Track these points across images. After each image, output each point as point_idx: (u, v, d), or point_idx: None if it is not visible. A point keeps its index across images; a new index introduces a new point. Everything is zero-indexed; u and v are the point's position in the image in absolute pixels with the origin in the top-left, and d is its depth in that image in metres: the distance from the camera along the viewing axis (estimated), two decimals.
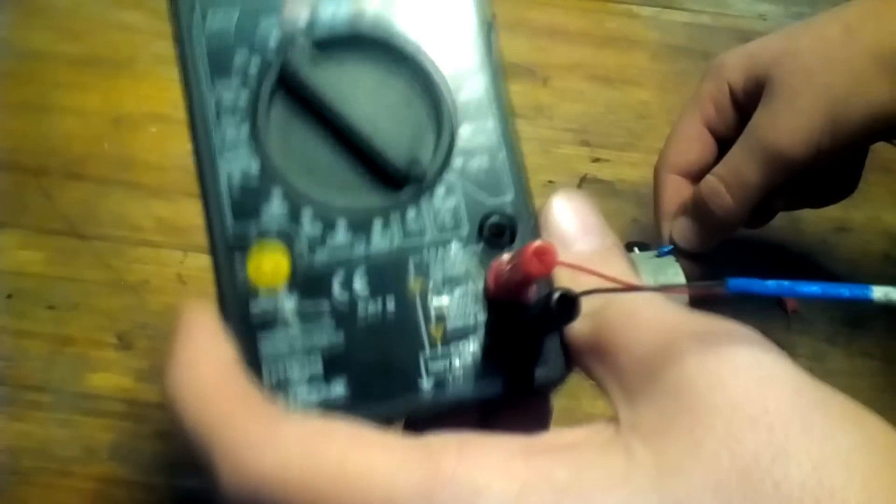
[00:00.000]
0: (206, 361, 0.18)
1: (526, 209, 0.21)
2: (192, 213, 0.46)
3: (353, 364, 0.20)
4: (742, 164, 0.36)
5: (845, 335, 0.44)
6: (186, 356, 0.18)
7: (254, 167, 0.20)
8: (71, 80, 0.51)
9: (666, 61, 0.56)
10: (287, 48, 0.20)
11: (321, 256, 0.20)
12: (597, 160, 0.51)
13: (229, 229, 0.20)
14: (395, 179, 0.20)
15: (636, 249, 0.40)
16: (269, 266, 0.19)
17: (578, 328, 0.20)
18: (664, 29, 0.58)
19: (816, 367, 0.43)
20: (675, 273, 0.38)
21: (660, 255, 0.39)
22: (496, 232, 0.21)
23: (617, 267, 0.20)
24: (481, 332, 0.20)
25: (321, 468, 0.16)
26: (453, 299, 0.20)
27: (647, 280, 0.37)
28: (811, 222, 0.47)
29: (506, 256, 0.20)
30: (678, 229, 0.39)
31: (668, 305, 0.19)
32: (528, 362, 0.20)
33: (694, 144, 0.40)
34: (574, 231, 0.21)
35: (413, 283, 0.20)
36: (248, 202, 0.20)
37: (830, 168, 0.39)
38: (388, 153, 0.20)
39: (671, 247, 0.39)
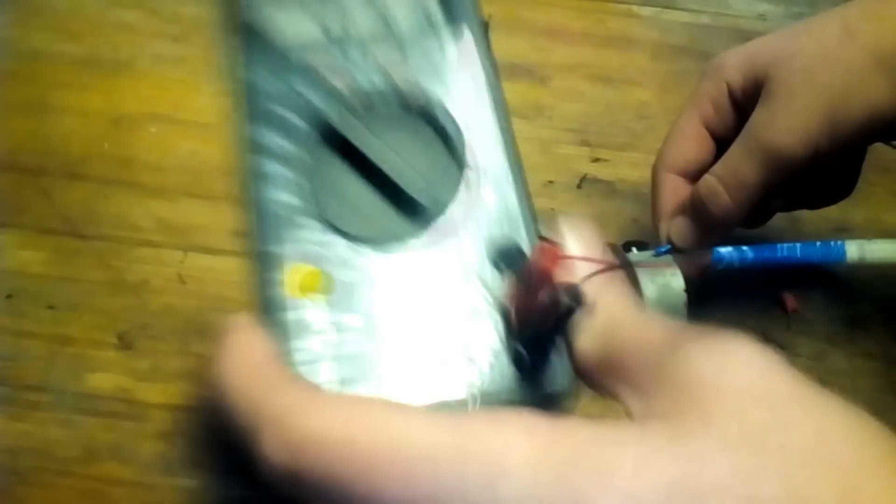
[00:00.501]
0: (251, 349, 0.19)
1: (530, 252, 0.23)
2: (192, 213, 0.46)
3: (380, 372, 0.21)
4: (740, 164, 0.36)
5: (845, 335, 0.44)
6: (234, 345, 0.19)
7: (294, 199, 0.23)
8: (71, 80, 0.51)
9: (666, 61, 0.56)
10: (328, 103, 0.24)
11: (352, 278, 0.22)
12: (597, 160, 0.51)
13: (271, 249, 0.22)
14: (420, 219, 0.23)
15: (634, 249, 0.40)
16: (305, 282, 0.22)
17: (586, 346, 0.21)
18: (664, 29, 0.58)
19: (816, 366, 0.43)
20: (672, 272, 0.38)
21: (657, 255, 0.39)
22: (510, 270, 0.23)
23: (619, 289, 0.21)
24: (497, 350, 0.22)
25: (363, 426, 0.17)
26: (471, 322, 0.22)
27: (644, 280, 0.37)
28: (811, 222, 0.47)
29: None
30: (676, 229, 0.39)
31: (670, 320, 0.20)
32: (540, 376, 0.22)
33: (692, 144, 0.40)
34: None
35: (437, 304, 0.22)
36: (290, 226, 0.22)
37: (829, 168, 0.39)
38: (415, 196, 0.23)
39: (669, 246, 0.39)
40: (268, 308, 0.22)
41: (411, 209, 0.23)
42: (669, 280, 0.38)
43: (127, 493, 0.36)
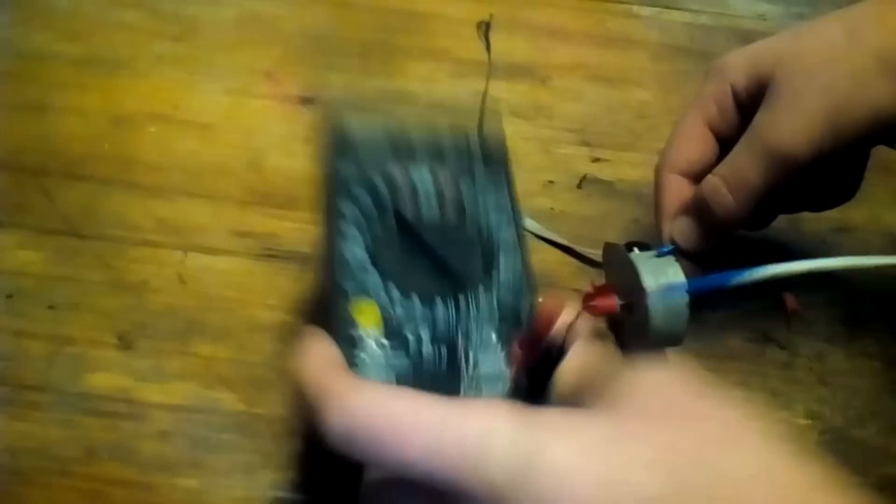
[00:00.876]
0: (322, 352, 0.27)
1: (533, 311, 0.31)
2: (192, 213, 0.46)
3: (416, 383, 0.28)
4: (744, 164, 0.36)
5: (845, 335, 0.44)
6: (308, 347, 0.27)
7: (362, 252, 0.31)
8: (71, 80, 0.51)
9: (666, 61, 0.56)
10: (393, 191, 0.33)
11: (402, 314, 0.30)
12: (597, 160, 0.51)
13: (343, 285, 0.30)
14: (455, 281, 0.31)
15: (636, 249, 0.40)
16: (366, 312, 0.29)
17: (565, 385, 0.28)
18: (664, 29, 0.58)
19: (816, 366, 0.43)
20: (674, 273, 0.38)
21: (660, 255, 0.39)
22: (516, 324, 0.30)
23: (587, 335, 0.29)
24: (502, 378, 0.29)
25: (394, 405, 0.24)
26: (486, 356, 0.29)
27: (647, 280, 0.37)
28: (811, 222, 0.47)
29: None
30: (679, 229, 0.39)
31: (618, 358, 0.28)
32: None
33: (695, 144, 0.40)
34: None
35: (460, 341, 0.29)
36: (357, 273, 0.30)
37: (831, 171, 0.39)
38: (452, 266, 0.31)
39: (671, 247, 0.39)
40: (335, 323, 0.29)
41: (448, 275, 0.31)
42: (671, 280, 0.38)
43: (127, 493, 0.36)
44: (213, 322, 0.41)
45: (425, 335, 0.29)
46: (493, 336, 0.30)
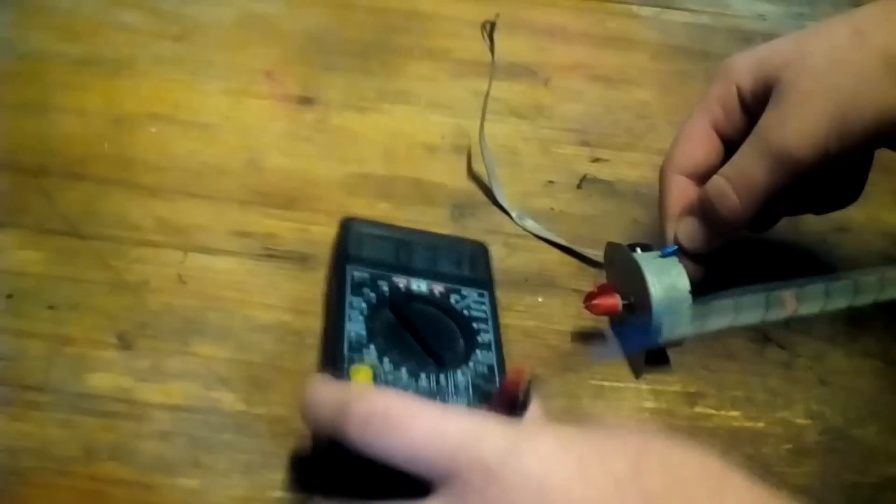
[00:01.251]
0: (329, 382, 0.31)
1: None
2: (192, 213, 0.46)
3: None
4: (749, 165, 0.37)
5: (845, 335, 0.44)
6: (319, 379, 0.31)
7: (363, 333, 0.37)
8: (71, 80, 0.51)
9: (666, 61, 0.57)
10: (392, 292, 0.40)
11: (393, 380, 0.35)
12: (597, 160, 0.51)
13: (345, 354, 0.36)
14: (439, 362, 0.37)
15: (639, 250, 0.40)
16: (362, 374, 0.35)
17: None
18: (664, 29, 0.58)
19: (816, 366, 0.43)
20: (678, 273, 0.38)
21: (664, 256, 0.39)
22: (486, 399, 0.35)
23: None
24: None
25: (404, 400, 0.28)
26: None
27: (651, 280, 0.37)
28: (812, 222, 0.47)
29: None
30: (683, 230, 0.39)
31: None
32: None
33: (701, 145, 0.40)
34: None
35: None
36: (356, 346, 0.37)
37: (836, 173, 0.39)
38: (438, 351, 0.37)
39: (676, 247, 0.39)
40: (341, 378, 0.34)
41: (437, 360, 0.37)
42: (675, 281, 0.38)
43: (127, 493, 0.36)
44: (213, 322, 0.41)
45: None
46: (467, 401, 0.35)
